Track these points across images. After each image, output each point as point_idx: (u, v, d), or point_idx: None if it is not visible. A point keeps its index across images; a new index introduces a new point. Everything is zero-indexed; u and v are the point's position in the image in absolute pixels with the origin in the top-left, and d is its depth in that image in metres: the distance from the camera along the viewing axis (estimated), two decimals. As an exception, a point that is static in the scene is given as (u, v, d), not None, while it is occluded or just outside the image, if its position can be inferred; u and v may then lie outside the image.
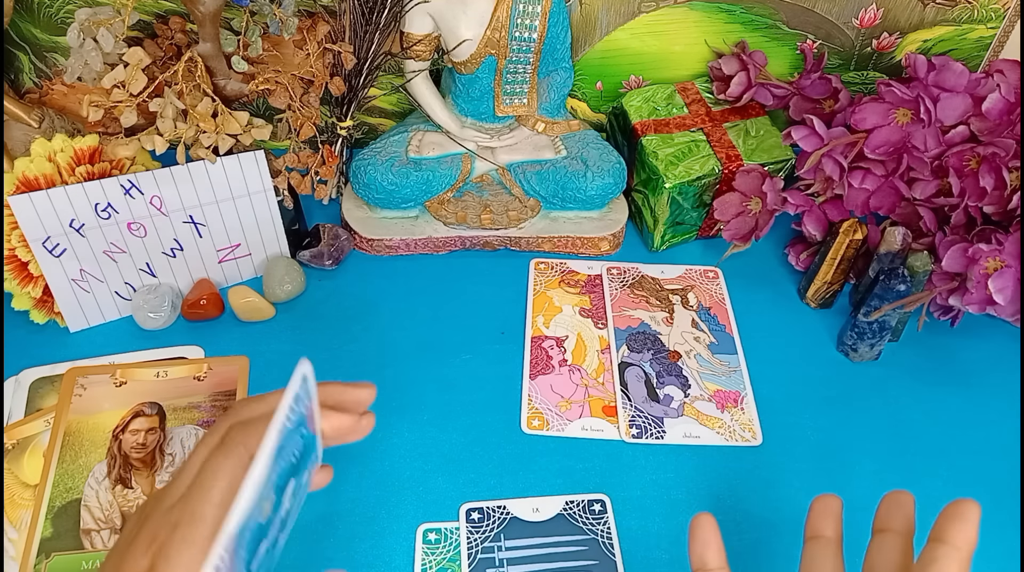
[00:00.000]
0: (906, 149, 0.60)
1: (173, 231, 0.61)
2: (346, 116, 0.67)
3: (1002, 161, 0.57)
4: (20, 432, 0.55)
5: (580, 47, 0.71)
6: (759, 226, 0.65)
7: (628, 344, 0.63)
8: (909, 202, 0.62)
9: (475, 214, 0.68)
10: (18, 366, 0.58)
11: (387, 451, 0.55)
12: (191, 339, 0.61)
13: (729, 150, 0.67)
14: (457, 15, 0.63)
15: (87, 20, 0.53)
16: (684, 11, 0.69)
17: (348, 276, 0.67)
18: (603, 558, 0.51)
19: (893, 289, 0.58)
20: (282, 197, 0.64)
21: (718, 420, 0.58)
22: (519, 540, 0.51)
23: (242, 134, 0.57)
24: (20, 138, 0.63)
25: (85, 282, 0.60)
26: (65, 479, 0.52)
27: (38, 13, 0.64)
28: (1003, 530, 0.53)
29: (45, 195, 0.55)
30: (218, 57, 0.57)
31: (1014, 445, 0.58)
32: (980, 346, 0.64)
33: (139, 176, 0.57)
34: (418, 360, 0.61)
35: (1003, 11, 0.70)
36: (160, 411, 0.56)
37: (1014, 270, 0.55)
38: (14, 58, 0.67)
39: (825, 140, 0.61)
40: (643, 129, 0.68)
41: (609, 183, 0.67)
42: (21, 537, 0.50)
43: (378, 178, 0.65)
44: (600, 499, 0.53)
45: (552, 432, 0.57)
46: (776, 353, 0.63)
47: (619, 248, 0.71)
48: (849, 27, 0.71)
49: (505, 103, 0.68)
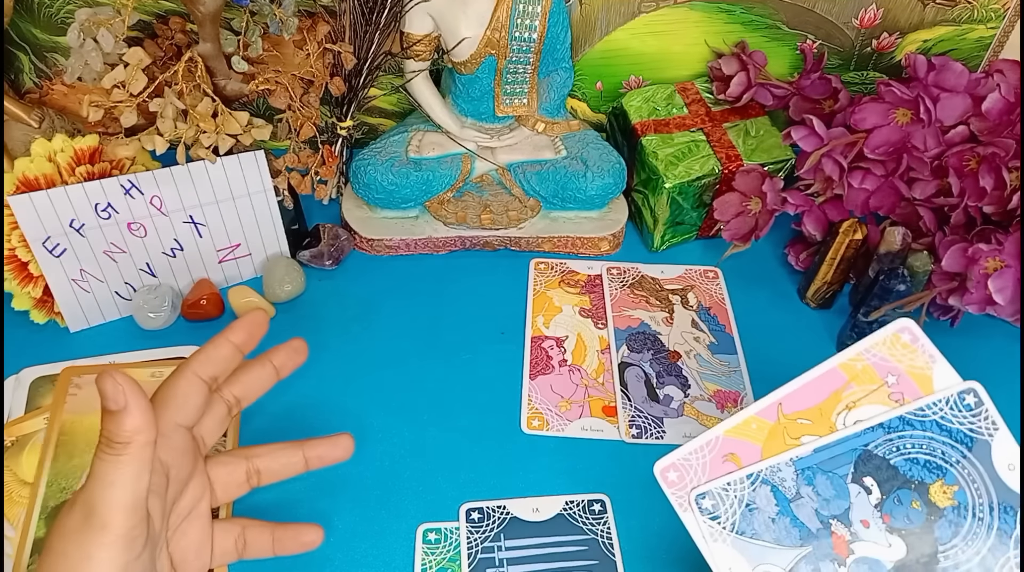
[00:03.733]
0: (906, 149, 0.60)
1: (173, 231, 0.61)
2: (346, 116, 0.67)
3: (1002, 161, 0.57)
4: (19, 429, 0.55)
5: (580, 47, 0.71)
6: (759, 226, 0.65)
7: (628, 344, 0.63)
8: (909, 202, 0.62)
9: (475, 214, 0.68)
10: (18, 366, 0.58)
11: (387, 451, 0.55)
12: (191, 339, 0.61)
13: (729, 150, 0.67)
14: (457, 15, 0.63)
15: (87, 20, 0.53)
16: (684, 11, 0.69)
17: (348, 276, 0.67)
18: (603, 558, 0.51)
19: (893, 289, 0.58)
20: (282, 197, 0.64)
21: (718, 420, 0.58)
22: (519, 540, 0.51)
23: (242, 134, 0.57)
24: (20, 138, 0.63)
25: (85, 282, 0.60)
26: (59, 479, 0.52)
27: (38, 13, 0.64)
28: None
29: (45, 195, 0.55)
30: (218, 57, 0.57)
31: (1014, 445, 0.58)
32: (980, 346, 0.64)
33: (139, 176, 0.58)
34: (418, 360, 0.61)
35: (1003, 11, 0.70)
36: (158, 411, 0.56)
37: (1014, 270, 0.55)
38: (14, 58, 0.67)
39: (825, 140, 0.61)
40: (643, 129, 0.69)
41: (609, 183, 0.67)
42: (17, 536, 0.50)
43: (378, 178, 0.65)
44: (600, 499, 0.53)
45: (552, 432, 0.57)
46: (776, 353, 0.63)
47: (619, 248, 0.71)
48: (849, 27, 0.71)
49: (505, 103, 0.68)
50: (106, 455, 0.34)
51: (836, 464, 0.37)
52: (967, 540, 0.36)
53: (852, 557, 0.37)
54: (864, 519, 0.37)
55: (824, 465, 0.37)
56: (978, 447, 0.37)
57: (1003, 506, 0.36)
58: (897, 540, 0.36)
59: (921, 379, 0.39)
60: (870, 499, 0.37)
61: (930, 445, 0.37)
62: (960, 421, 0.38)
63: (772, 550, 0.37)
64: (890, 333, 0.39)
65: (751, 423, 0.38)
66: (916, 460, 0.37)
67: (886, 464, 0.37)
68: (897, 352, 0.39)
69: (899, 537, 0.37)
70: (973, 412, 0.38)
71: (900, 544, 0.37)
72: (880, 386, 0.38)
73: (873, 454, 0.37)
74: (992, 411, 0.38)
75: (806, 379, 0.38)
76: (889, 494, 0.37)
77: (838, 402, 0.38)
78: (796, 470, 0.37)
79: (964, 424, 0.37)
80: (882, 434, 0.37)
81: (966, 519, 0.37)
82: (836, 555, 0.37)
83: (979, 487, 0.36)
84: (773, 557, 0.37)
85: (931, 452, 0.37)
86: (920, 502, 0.37)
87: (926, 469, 0.37)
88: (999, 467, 0.37)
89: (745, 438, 0.38)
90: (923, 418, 0.37)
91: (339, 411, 0.58)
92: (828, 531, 0.37)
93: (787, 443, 0.38)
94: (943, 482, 0.37)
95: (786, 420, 0.38)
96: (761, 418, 0.38)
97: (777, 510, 0.37)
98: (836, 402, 0.38)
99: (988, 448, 0.37)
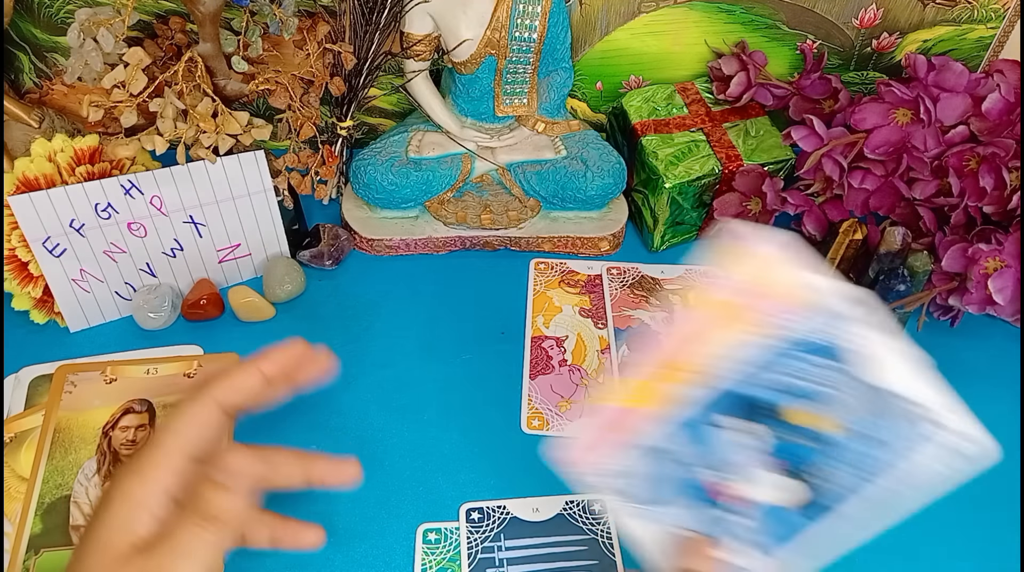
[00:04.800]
0: (906, 149, 0.60)
1: (173, 231, 0.61)
2: (346, 116, 0.67)
3: (1002, 161, 0.57)
4: (18, 425, 0.55)
5: (580, 47, 0.71)
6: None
7: (628, 344, 0.63)
8: (909, 202, 0.62)
9: (475, 214, 0.68)
10: (18, 366, 0.58)
11: (387, 451, 0.55)
12: (191, 339, 0.61)
13: (729, 150, 0.67)
14: (457, 15, 0.63)
15: (87, 20, 0.53)
16: (684, 11, 0.69)
17: (348, 276, 0.67)
18: (603, 558, 0.51)
19: (893, 289, 0.58)
20: (282, 197, 0.64)
21: (718, 420, 0.58)
22: (519, 540, 0.51)
23: (242, 134, 0.57)
24: (20, 138, 0.63)
25: (85, 282, 0.60)
26: (55, 475, 0.52)
27: (38, 13, 0.64)
28: (1003, 530, 0.53)
29: (45, 195, 0.55)
30: (218, 57, 0.57)
31: (1014, 445, 0.58)
32: (980, 346, 0.64)
33: (139, 176, 0.58)
34: (418, 360, 0.61)
35: (1003, 11, 0.70)
36: (150, 408, 0.56)
37: (1014, 270, 0.55)
38: (14, 58, 0.67)
39: (825, 140, 0.61)
40: (643, 129, 0.69)
41: (609, 183, 0.67)
42: (13, 532, 0.50)
43: (378, 178, 0.65)
44: (600, 499, 0.53)
45: (552, 432, 0.57)
46: (776, 353, 0.63)
47: (619, 248, 0.71)
48: (849, 27, 0.71)
49: (505, 103, 0.68)
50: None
51: (716, 409, 0.35)
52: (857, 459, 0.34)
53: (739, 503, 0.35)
54: (752, 461, 0.35)
55: (703, 416, 0.35)
56: (849, 358, 0.33)
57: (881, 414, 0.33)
58: (789, 478, 0.35)
59: (770, 286, 0.33)
60: (753, 440, 0.35)
61: (800, 369, 0.34)
62: (827, 334, 0.33)
63: (673, 510, 0.36)
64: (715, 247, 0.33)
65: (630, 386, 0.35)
66: (790, 388, 0.34)
67: (762, 400, 0.34)
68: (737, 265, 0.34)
69: (791, 473, 0.35)
70: (839, 320, 0.33)
71: (792, 482, 0.35)
72: (737, 312, 0.34)
73: (747, 395, 0.34)
74: (867, 317, 0.33)
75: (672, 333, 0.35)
76: (772, 430, 0.34)
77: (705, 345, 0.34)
78: (678, 426, 0.35)
79: (832, 337, 0.33)
80: (753, 368, 0.34)
81: (852, 439, 0.34)
82: (731, 503, 0.35)
83: (858, 401, 0.33)
84: (676, 518, 0.36)
85: (803, 376, 0.34)
86: (803, 430, 0.34)
87: (802, 395, 0.34)
88: (873, 378, 0.33)
89: (626, 404, 0.35)
90: (787, 339, 0.33)
91: (339, 411, 0.58)
92: (721, 482, 0.35)
93: (665, 400, 0.35)
94: (818, 405, 0.34)
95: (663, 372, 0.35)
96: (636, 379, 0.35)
97: (669, 472, 0.36)
98: (703, 345, 0.34)
99: (863, 359, 0.33)
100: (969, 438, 0.32)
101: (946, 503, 0.54)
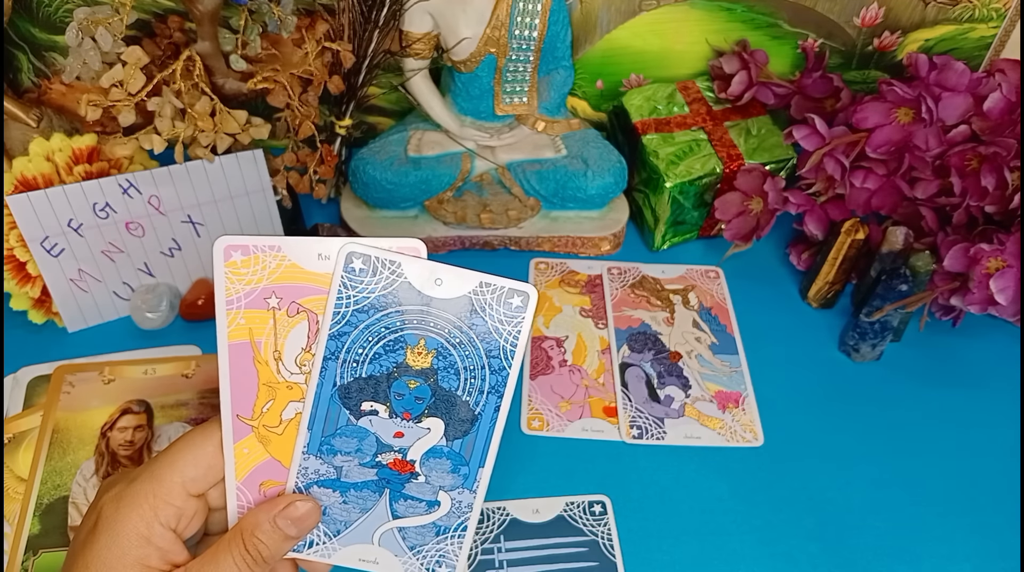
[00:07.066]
0: (908, 148, 0.60)
1: (171, 231, 0.61)
2: (345, 115, 0.67)
3: (1003, 161, 0.57)
4: (16, 426, 0.55)
5: (580, 45, 0.70)
6: (760, 226, 0.65)
7: (629, 344, 0.63)
8: (911, 202, 0.62)
9: (475, 214, 0.68)
10: (16, 366, 0.58)
11: (386, 452, 0.55)
12: (189, 339, 0.61)
13: (730, 149, 0.67)
14: (456, 13, 0.62)
15: (85, 19, 0.53)
16: (685, 9, 0.69)
17: (347, 276, 0.67)
18: (603, 559, 0.50)
19: (895, 289, 0.58)
20: (280, 196, 0.64)
21: (719, 421, 0.58)
22: (519, 541, 0.51)
23: (240, 133, 0.57)
24: (18, 137, 0.62)
25: (83, 282, 0.59)
26: (53, 476, 0.52)
27: (36, 12, 0.64)
28: (1003, 530, 0.53)
29: (43, 195, 0.55)
30: (216, 56, 0.57)
31: (1015, 445, 0.57)
32: (982, 346, 0.64)
33: (137, 175, 0.57)
34: (418, 360, 0.61)
35: (1004, 10, 0.70)
36: (148, 408, 0.56)
37: (1015, 270, 0.55)
38: (12, 57, 0.66)
39: (826, 139, 0.61)
40: (644, 128, 0.68)
41: (609, 182, 0.67)
42: (12, 532, 0.50)
43: (377, 177, 0.65)
44: (600, 500, 0.53)
45: (552, 432, 0.57)
46: (777, 353, 0.63)
47: (619, 248, 0.71)
48: (850, 26, 0.71)
49: (505, 102, 0.68)
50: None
51: (333, 418, 0.35)
52: (474, 372, 0.35)
53: (418, 465, 0.36)
54: (396, 432, 0.35)
55: (328, 430, 0.35)
56: (401, 292, 0.33)
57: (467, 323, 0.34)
58: (428, 421, 0.35)
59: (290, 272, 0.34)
60: (383, 416, 0.35)
61: (369, 330, 0.34)
62: (362, 288, 0.34)
63: (372, 519, 0.36)
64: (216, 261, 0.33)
65: (243, 449, 0.35)
66: (375, 354, 0.34)
67: (360, 379, 0.35)
68: (248, 273, 0.34)
69: (427, 419, 0.35)
70: (363, 274, 0.33)
71: (434, 422, 0.35)
72: (273, 318, 0.34)
73: (344, 384, 0.35)
74: (383, 253, 0.33)
75: (227, 376, 0.34)
76: (389, 396, 0.35)
77: (272, 365, 0.34)
78: (314, 455, 0.35)
79: (368, 287, 0.34)
80: (332, 362, 0.34)
81: (453, 355, 0.35)
82: (404, 476, 0.36)
83: (436, 324, 0.34)
84: (375, 523, 0.36)
85: (377, 334, 0.34)
86: (414, 380, 0.35)
87: (387, 350, 0.35)
88: (422, 286, 0.33)
89: (257, 462, 0.35)
90: (338, 313, 0.34)
91: (338, 411, 0.57)
92: (385, 466, 0.36)
93: (285, 440, 0.35)
94: (409, 348, 0.34)
95: (260, 422, 0.35)
96: (244, 440, 0.35)
97: (340, 494, 0.36)
98: (269, 369, 0.34)
99: (408, 286, 0.33)
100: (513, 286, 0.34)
101: (946, 503, 0.54)
